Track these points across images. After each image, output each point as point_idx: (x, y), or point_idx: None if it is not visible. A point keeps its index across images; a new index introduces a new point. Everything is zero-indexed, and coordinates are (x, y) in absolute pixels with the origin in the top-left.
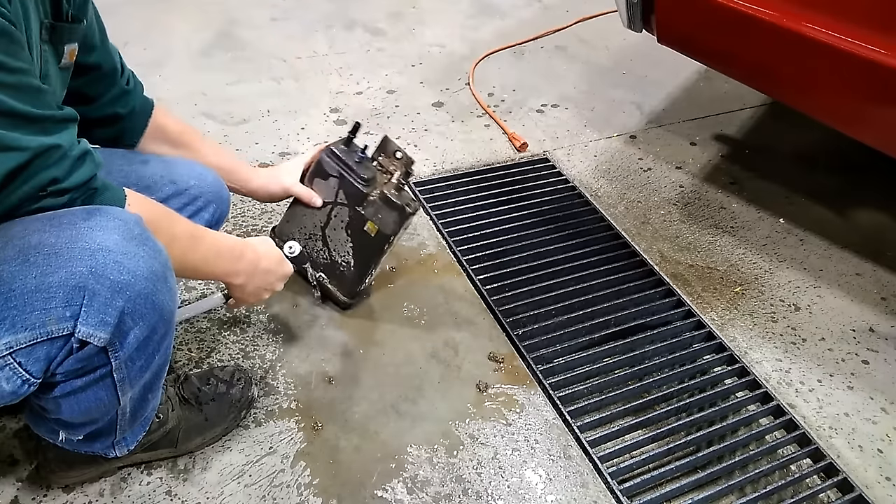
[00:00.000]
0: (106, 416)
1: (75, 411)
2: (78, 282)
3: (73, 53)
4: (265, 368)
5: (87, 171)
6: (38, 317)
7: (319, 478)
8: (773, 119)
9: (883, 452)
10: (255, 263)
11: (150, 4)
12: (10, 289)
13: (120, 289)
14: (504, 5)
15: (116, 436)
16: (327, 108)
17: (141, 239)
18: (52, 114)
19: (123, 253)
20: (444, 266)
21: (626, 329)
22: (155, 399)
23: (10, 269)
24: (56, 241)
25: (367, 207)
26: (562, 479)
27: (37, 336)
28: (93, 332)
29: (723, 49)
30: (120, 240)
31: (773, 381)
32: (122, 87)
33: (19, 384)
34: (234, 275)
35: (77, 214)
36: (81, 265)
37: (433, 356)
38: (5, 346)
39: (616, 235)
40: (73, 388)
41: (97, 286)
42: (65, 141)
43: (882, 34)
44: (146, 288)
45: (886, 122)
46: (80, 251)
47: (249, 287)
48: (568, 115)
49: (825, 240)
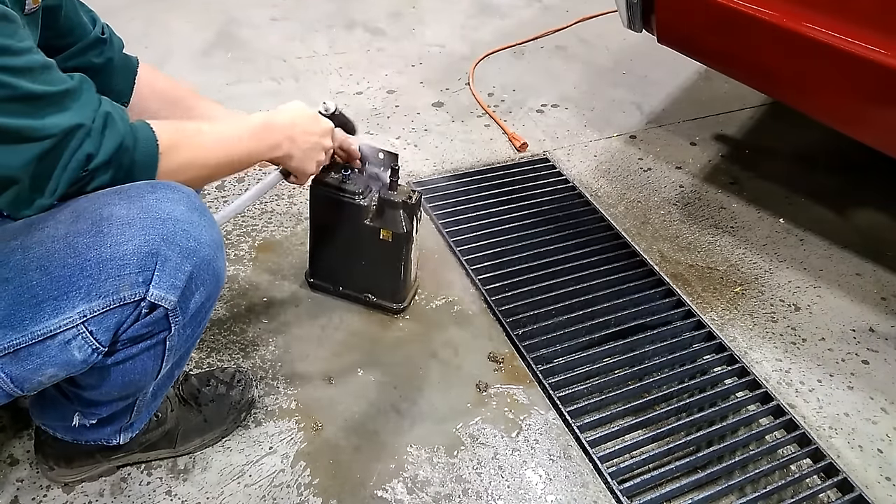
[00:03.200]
0: (139, 391)
1: (118, 383)
2: (151, 248)
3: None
4: (265, 368)
5: (115, 137)
6: (112, 284)
7: (319, 478)
8: (773, 119)
9: (883, 452)
10: (290, 128)
11: (151, 4)
12: (84, 259)
13: (188, 254)
14: (504, 5)
15: (130, 418)
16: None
17: (202, 210)
18: (67, 87)
19: (189, 222)
20: (444, 266)
21: (626, 329)
22: (173, 379)
23: (84, 240)
24: (128, 212)
25: (374, 218)
26: (562, 479)
27: (110, 303)
28: (164, 296)
29: (723, 49)
30: (185, 210)
31: (773, 381)
32: (95, 35)
33: (89, 353)
34: (276, 148)
35: (143, 188)
36: (154, 233)
37: (433, 356)
38: (79, 314)
39: (616, 235)
40: (127, 356)
41: (168, 252)
42: (86, 116)
43: (882, 34)
44: (209, 254)
45: (886, 123)
46: (151, 220)
47: (297, 154)
48: (568, 115)
49: (825, 240)
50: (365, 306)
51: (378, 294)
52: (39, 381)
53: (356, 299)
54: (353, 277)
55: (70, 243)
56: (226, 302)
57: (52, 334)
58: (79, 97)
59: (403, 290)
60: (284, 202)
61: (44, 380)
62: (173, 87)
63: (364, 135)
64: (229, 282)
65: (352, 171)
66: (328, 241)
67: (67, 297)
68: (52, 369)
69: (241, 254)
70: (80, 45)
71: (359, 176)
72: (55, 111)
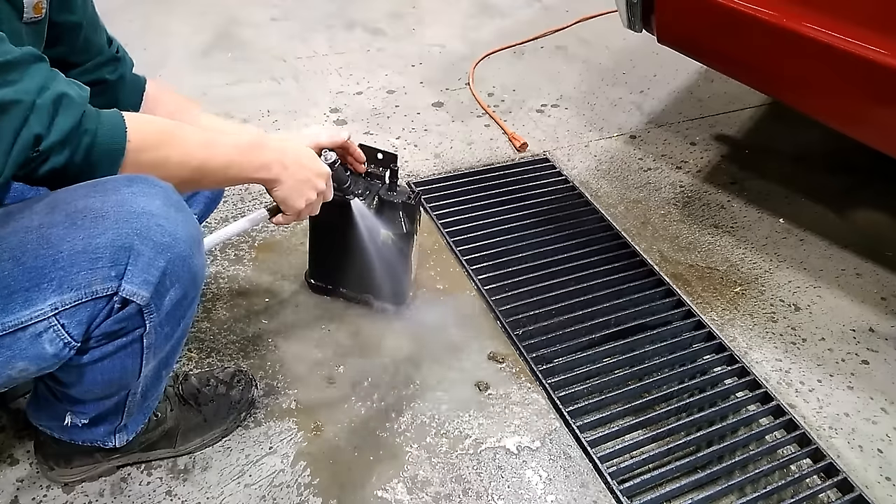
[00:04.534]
0: (123, 390)
1: (98, 381)
2: (124, 242)
3: (40, 7)
4: (265, 368)
5: (69, 118)
6: (84, 277)
7: (319, 478)
8: (773, 119)
9: (883, 452)
10: (282, 153)
11: (150, 4)
12: (57, 251)
13: (162, 249)
14: (504, 5)
15: (122, 419)
16: (327, 108)
17: (179, 205)
18: (8, 59)
19: (165, 217)
20: (444, 266)
21: (626, 329)
22: (164, 381)
23: (58, 231)
24: (102, 205)
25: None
26: (562, 479)
27: (82, 296)
28: (136, 291)
29: (722, 49)
30: (161, 204)
31: (773, 381)
32: (110, 54)
33: (61, 347)
34: (264, 168)
35: (120, 181)
36: (127, 227)
37: (433, 356)
38: (51, 307)
39: (616, 235)
40: (103, 353)
41: (142, 247)
42: (27, 93)
43: (882, 34)
44: (184, 251)
45: (886, 123)
46: (125, 214)
47: (287, 181)
48: (568, 115)
49: (825, 240)
50: (365, 306)
51: (377, 294)
52: (10, 375)
53: (356, 300)
54: (352, 278)
55: (43, 234)
56: (226, 302)
57: (23, 326)
58: (24, 70)
59: (403, 290)
60: None
61: (14, 374)
62: (178, 110)
63: (364, 135)
64: (229, 282)
65: (352, 172)
66: (328, 242)
67: (39, 289)
68: (23, 363)
69: (241, 254)
70: (96, 62)
71: (359, 178)
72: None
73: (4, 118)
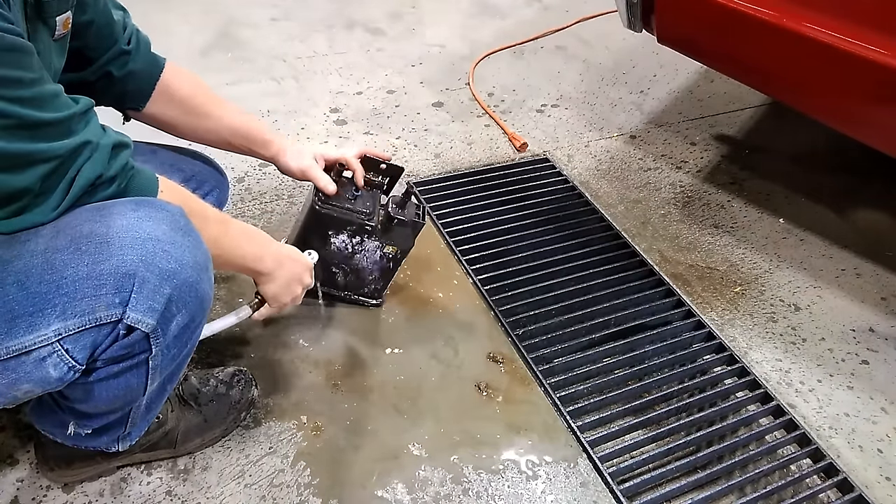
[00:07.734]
0: (128, 406)
1: (103, 399)
2: (129, 269)
3: (68, 22)
4: (265, 368)
5: (124, 158)
6: (88, 303)
7: (319, 478)
8: (773, 119)
9: (883, 452)
10: (279, 250)
11: (150, 4)
12: (61, 276)
13: (168, 276)
14: (504, 5)
15: (126, 429)
16: (327, 108)
17: (186, 230)
18: (73, 112)
19: (171, 242)
20: (444, 266)
21: (626, 329)
22: (168, 392)
23: (62, 257)
24: (107, 230)
25: (382, 235)
26: (562, 479)
27: (86, 322)
28: (141, 318)
29: (722, 49)
30: (168, 230)
31: (773, 381)
32: (120, 48)
33: (65, 370)
34: (261, 259)
35: (126, 205)
36: (132, 253)
37: (433, 356)
38: (54, 332)
39: (616, 235)
40: (109, 374)
41: (147, 274)
42: (92, 135)
43: (882, 34)
44: (191, 276)
45: (886, 123)
46: (130, 240)
47: (280, 278)
48: (568, 115)
49: (825, 240)
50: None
51: (358, 292)
52: (15, 396)
53: (335, 297)
54: (336, 279)
55: (48, 259)
56: (225, 302)
57: (27, 350)
58: (86, 120)
59: (385, 289)
60: (284, 202)
61: (20, 395)
62: (193, 96)
63: (364, 135)
64: (229, 282)
65: (355, 187)
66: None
67: (43, 314)
68: (28, 385)
69: None
70: (108, 57)
71: (365, 193)
72: (61, 135)
73: (74, 158)
